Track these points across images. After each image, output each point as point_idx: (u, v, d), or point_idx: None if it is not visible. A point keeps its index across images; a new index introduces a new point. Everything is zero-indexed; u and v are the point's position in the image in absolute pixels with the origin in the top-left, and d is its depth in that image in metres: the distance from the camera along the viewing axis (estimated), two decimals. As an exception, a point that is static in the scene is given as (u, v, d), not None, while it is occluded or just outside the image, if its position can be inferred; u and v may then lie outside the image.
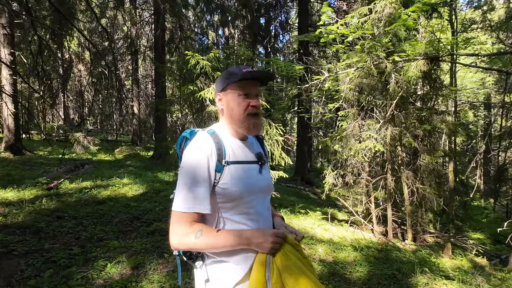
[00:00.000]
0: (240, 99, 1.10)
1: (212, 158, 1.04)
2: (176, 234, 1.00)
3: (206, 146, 1.06)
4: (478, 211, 10.78)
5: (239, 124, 1.11)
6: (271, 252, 1.00)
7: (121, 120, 19.80)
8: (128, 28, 13.53)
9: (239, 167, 1.09)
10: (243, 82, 1.10)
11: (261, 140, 1.30)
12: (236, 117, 1.11)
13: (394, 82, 4.43)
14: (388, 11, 4.36)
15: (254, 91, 1.12)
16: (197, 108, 6.16)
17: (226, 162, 1.06)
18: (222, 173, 1.04)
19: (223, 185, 1.04)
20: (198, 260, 1.09)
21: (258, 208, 1.11)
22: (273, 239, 0.99)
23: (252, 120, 1.11)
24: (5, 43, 7.46)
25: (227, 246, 1.00)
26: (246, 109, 1.10)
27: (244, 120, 1.10)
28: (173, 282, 2.69)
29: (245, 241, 1.00)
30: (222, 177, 1.04)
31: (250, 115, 1.10)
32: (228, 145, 1.10)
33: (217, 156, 1.05)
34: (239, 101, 1.10)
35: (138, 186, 6.01)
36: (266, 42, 13.91)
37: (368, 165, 5.78)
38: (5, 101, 7.53)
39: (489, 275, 4.24)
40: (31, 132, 13.11)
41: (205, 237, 0.99)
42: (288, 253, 1.01)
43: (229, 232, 1.02)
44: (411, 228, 5.40)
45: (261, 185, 1.14)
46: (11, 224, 3.51)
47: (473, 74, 13.07)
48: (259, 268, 1.00)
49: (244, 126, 1.11)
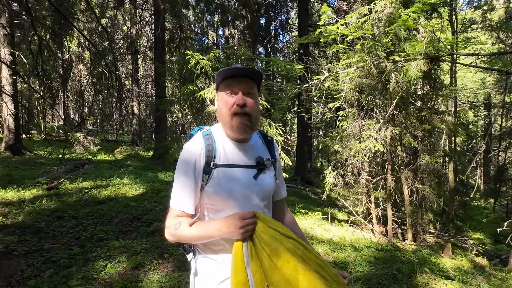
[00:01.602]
0: (226, 97, 1.06)
1: (200, 160, 1.05)
2: (166, 226, 1.08)
3: (196, 148, 1.07)
4: (478, 211, 10.77)
5: (225, 124, 1.08)
6: (245, 237, 0.97)
7: (121, 120, 19.80)
8: (128, 28, 13.53)
9: (228, 170, 1.07)
10: (229, 80, 1.06)
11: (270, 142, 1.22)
12: (223, 117, 1.08)
13: (394, 82, 4.43)
14: (388, 11, 4.36)
15: (240, 88, 1.05)
16: (197, 108, 6.17)
17: (215, 165, 1.05)
18: (210, 176, 1.05)
19: (210, 187, 1.05)
20: (189, 254, 1.13)
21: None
22: (242, 224, 0.95)
23: (237, 120, 1.04)
24: (5, 43, 7.46)
25: (202, 237, 1.04)
26: (231, 108, 1.04)
27: (228, 120, 1.06)
28: (173, 282, 2.69)
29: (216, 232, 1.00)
30: (210, 180, 1.05)
31: (235, 116, 1.04)
32: (220, 147, 1.09)
33: (206, 159, 1.05)
34: (225, 100, 1.06)
35: (138, 186, 6.01)
36: (266, 42, 13.91)
37: (368, 165, 5.78)
38: (5, 101, 7.53)
39: (489, 275, 4.24)
40: (31, 132, 13.11)
41: (182, 229, 1.04)
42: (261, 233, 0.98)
43: (202, 223, 1.06)
44: (411, 228, 5.40)
45: (253, 191, 1.08)
46: (11, 224, 3.51)
47: (473, 74, 13.07)
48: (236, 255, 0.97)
49: (228, 126, 1.07)
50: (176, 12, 10.33)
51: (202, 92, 4.88)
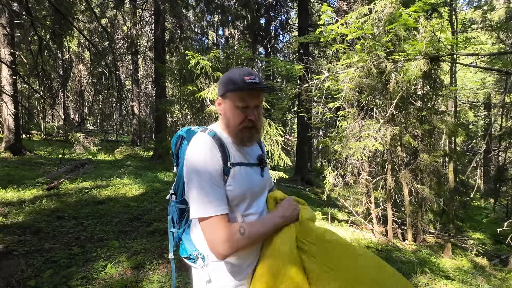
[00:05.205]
0: (238, 111, 1.05)
1: (219, 159, 1.04)
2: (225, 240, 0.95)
3: (211, 148, 1.04)
4: (478, 211, 10.78)
5: (233, 134, 1.09)
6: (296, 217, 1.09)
7: (121, 120, 19.81)
8: (128, 28, 13.52)
9: (243, 169, 1.09)
10: (243, 92, 1.04)
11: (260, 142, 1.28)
12: (231, 127, 1.09)
13: (394, 82, 4.43)
14: (388, 11, 4.36)
15: (253, 102, 1.05)
16: (197, 108, 6.16)
17: (232, 164, 1.06)
18: (228, 175, 1.04)
19: (229, 186, 1.04)
20: (198, 261, 1.08)
21: (257, 208, 1.12)
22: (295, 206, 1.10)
23: (247, 133, 1.07)
24: (5, 43, 7.46)
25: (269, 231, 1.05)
26: (242, 123, 1.06)
27: (238, 132, 1.07)
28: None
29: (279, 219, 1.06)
30: (229, 179, 1.04)
31: (245, 128, 1.07)
32: (230, 147, 1.10)
33: (223, 159, 1.04)
34: (236, 113, 1.05)
35: (138, 186, 6.01)
36: (266, 42, 13.90)
37: (368, 165, 5.78)
38: (5, 101, 7.54)
39: (489, 275, 4.23)
40: (31, 132, 13.11)
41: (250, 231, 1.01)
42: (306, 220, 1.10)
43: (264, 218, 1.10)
44: (411, 228, 5.40)
45: (262, 186, 1.17)
46: (11, 224, 3.51)
47: (473, 74, 13.07)
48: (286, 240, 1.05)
49: (237, 138, 1.09)
50: (176, 12, 10.34)
51: (202, 92, 4.87)
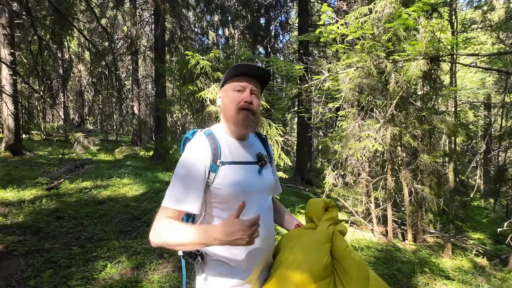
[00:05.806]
0: (234, 93, 1.09)
1: (206, 158, 1.04)
2: (154, 231, 0.98)
3: (200, 146, 1.06)
4: (478, 211, 10.78)
5: (230, 119, 1.09)
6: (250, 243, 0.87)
7: (121, 120, 19.79)
8: (128, 28, 13.52)
9: (235, 167, 1.08)
10: (238, 77, 1.09)
11: (264, 140, 1.27)
12: (228, 112, 1.10)
13: (394, 82, 4.43)
14: (388, 11, 4.36)
15: (249, 86, 1.09)
16: (197, 108, 6.16)
17: (221, 163, 1.05)
18: (216, 173, 1.04)
19: (218, 185, 1.04)
20: (197, 258, 1.08)
21: (255, 209, 1.06)
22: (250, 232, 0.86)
23: (243, 114, 1.07)
24: (5, 43, 7.45)
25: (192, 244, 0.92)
26: (238, 104, 1.07)
27: (234, 115, 1.08)
28: (173, 282, 2.69)
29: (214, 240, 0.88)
30: (217, 177, 1.04)
31: (241, 110, 1.07)
32: (224, 145, 1.09)
33: (212, 156, 1.04)
34: (233, 96, 1.09)
35: (138, 186, 6.01)
36: (266, 42, 13.90)
37: (368, 165, 5.78)
38: (5, 101, 7.53)
39: (489, 275, 4.23)
40: (31, 132, 13.10)
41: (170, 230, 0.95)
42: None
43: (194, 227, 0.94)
44: (411, 228, 5.40)
45: (260, 186, 1.11)
46: (11, 224, 3.51)
47: (473, 74, 13.07)
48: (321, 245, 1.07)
49: (233, 121, 1.08)
50: (176, 12, 10.33)
51: (202, 93, 4.87)
